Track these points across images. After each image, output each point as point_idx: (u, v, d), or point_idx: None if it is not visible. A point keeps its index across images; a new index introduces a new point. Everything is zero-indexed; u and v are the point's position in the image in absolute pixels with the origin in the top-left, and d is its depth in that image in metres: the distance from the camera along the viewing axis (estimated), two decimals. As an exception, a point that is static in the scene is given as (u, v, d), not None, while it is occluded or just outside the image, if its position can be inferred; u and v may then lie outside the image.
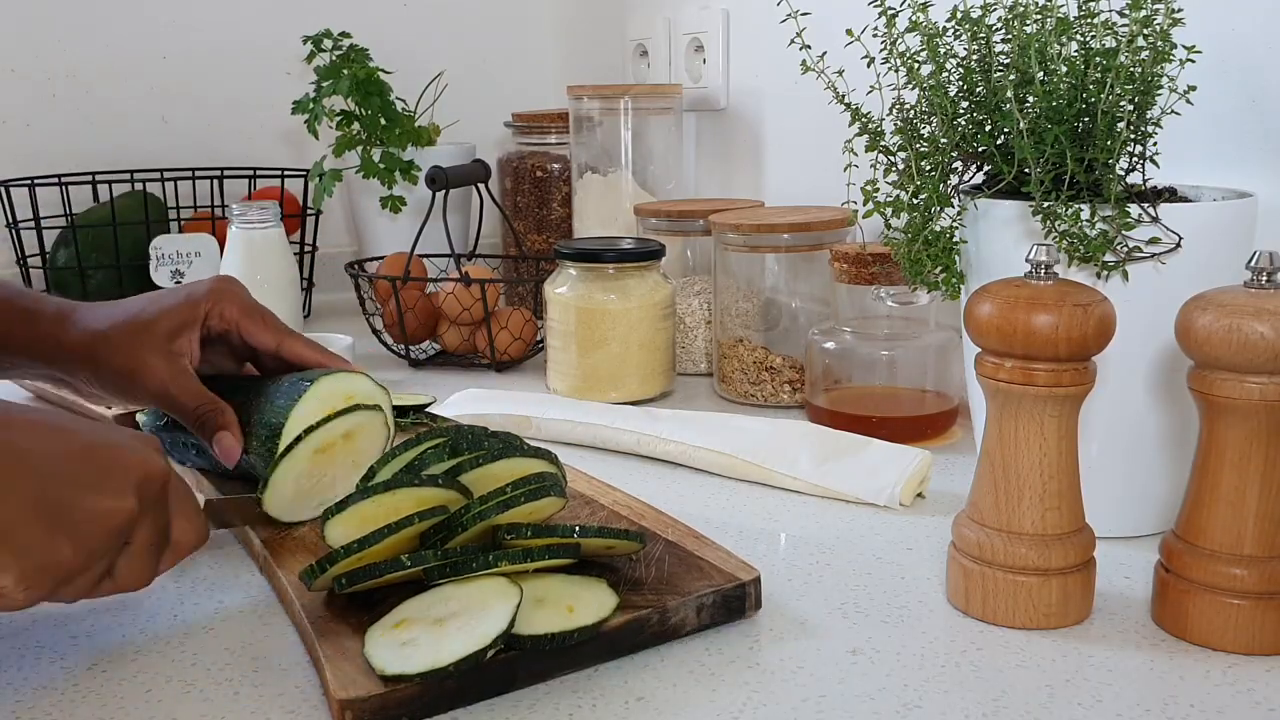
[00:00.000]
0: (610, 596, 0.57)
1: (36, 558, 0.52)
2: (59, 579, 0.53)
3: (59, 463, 0.54)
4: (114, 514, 0.54)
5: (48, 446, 0.54)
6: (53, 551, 0.52)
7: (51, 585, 0.53)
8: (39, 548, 0.52)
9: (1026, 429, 0.59)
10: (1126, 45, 0.64)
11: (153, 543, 0.57)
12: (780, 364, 1.02)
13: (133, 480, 0.55)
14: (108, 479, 0.54)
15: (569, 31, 1.72)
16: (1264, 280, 0.56)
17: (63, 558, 0.52)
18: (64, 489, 0.53)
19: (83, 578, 0.54)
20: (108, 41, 1.49)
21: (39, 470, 0.53)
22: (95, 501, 0.54)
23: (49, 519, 0.52)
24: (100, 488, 0.54)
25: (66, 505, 0.53)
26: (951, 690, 0.54)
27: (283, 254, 1.21)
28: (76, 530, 0.53)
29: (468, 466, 0.64)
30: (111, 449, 0.56)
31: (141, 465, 0.56)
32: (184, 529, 0.59)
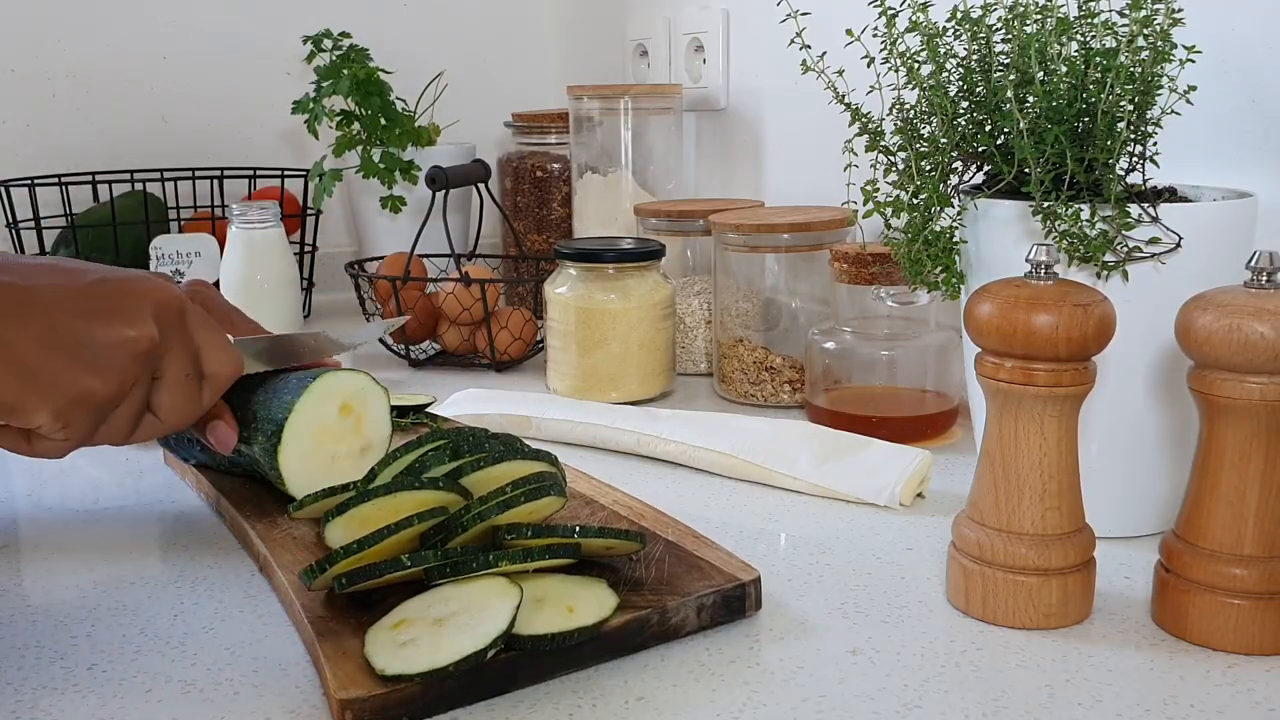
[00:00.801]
0: (610, 596, 0.57)
1: (66, 392, 0.51)
2: (93, 413, 0.53)
3: (68, 297, 0.53)
4: (134, 341, 0.54)
5: (54, 282, 0.54)
6: (80, 382, 0.52)
7: (88, 421, 0.53)
8: (65, 382, 0.51)
9: (1026, 429, 0.59)
10: (1126, 45, 0.64)
11: (186, 373, 0.57)
12: (780, 364, 1.02)
13: (147, 307, 0.55)
14: (121, 307, 0.54)
15: (569, 31, 1.72)
16: (1264, 280, 0.56)
17: (92, 389, 0.52)
18: (77, 321, 0.53)
19: (119, 413, 0.54)
20: (108, 41, 1.49)
21: (49, 306, 0.52)
22: (112, 330, 0.53)
23: (69, 353, 0.52)
24: (115, 316, 0.54)
25: (83, 337, 0.52)
26: (951, 690, 0.54)
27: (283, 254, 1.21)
28: (99, 360, 0.53)
29: (469, 469, 0.64)
30: (121, 280, 0.55)
31: (154, 292, 0.55)
32: (216, 358, 0.58)
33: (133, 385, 0.54)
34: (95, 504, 0.80)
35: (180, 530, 0.75)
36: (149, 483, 0.84)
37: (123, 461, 0.88)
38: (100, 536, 0.74)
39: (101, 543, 0.73)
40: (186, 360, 0.57)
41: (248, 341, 0.67)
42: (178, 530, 0.75)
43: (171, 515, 0.78)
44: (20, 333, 0.51)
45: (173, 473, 0.86)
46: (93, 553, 0.71)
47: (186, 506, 0.79)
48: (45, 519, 0.78)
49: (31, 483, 0.84)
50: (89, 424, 0.53)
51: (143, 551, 0.72)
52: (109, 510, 0.79)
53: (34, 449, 0.54)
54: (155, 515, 0.78)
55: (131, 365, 0.54)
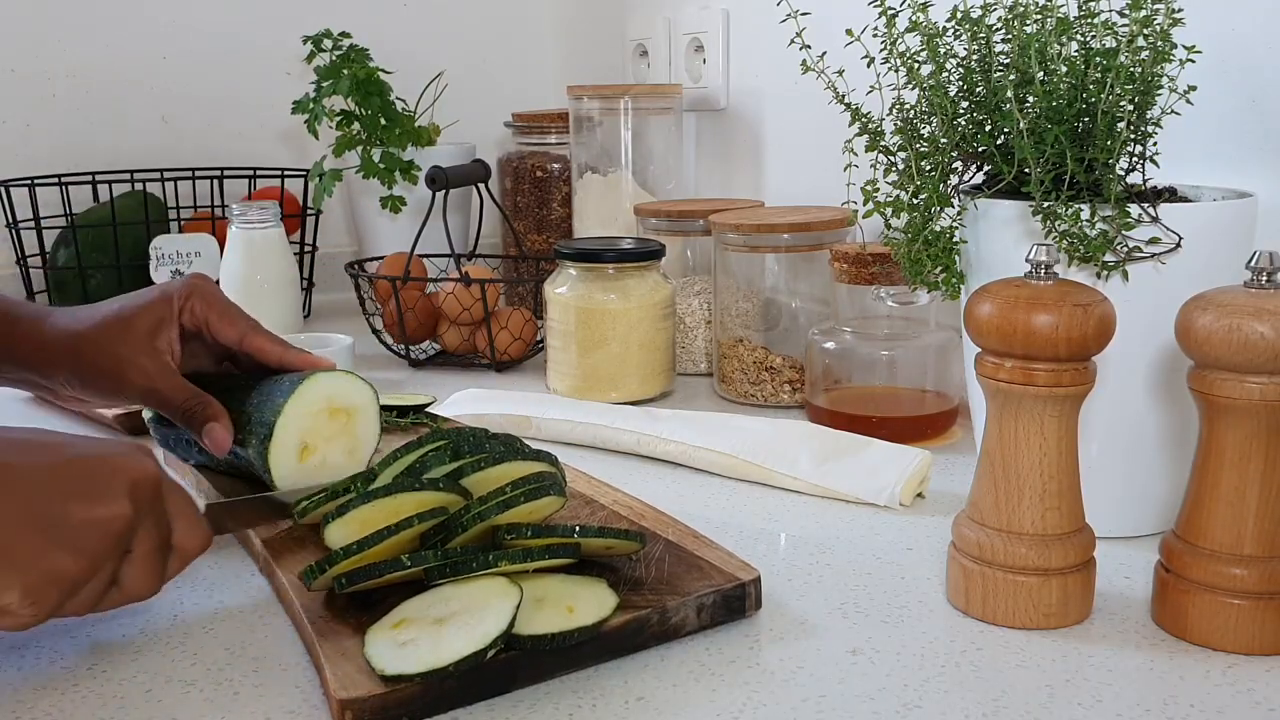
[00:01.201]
0: (610, 596, 0.57)
1: (38, 572, 0.52)
2: (63, 591, 0.53)
3: (46, 476, 0.54)
4: (109, 520, 0.54)
5: (33, 461, 0.54)
6: (53, 563, 0.52)
7: (57, 598, 0.53)
8: (39, 561, 0.52)
9: (1026, 429, 0.59)
10: (1126, 45, 0.64)
11: (155, 548, 0.57)
12: (780, 364, 1.02)
13: (124, 485, 0.55)
14: (98, 486, 0.54)
15: (569, 31, 1.72)
16: (1264, 280, 0.56)
17: (64, 568, 0.52)
18: (54, 502, 0.53)
19: (88, 588, 0.54)
20: (108, 41, 1.49)
21: (27, 486, 0.53)
22: (88, 510, 0.53)
23: (44, 532, 0.52)
24: (92, 496, 0.54)
25: (60, 517, 0.53)
26: (951, 690, 0.54)
27: (283, 254, 1.21)
28: (73, 540, 0.53)
29: (469, 470, 0.64)
30: (99, 458, 0.56)
31: (131, 470, 0.56)
32: (186, 533, 0.59)
33: (104, 563, 0.55)
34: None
35: (180, 530, 0.75)
36: (149, 483, 0.84)
37: (123, 461, 0.88)
38: (100, 536, 0.74)
39: (101, 543, 0.73)
40: (157, 535, 0.57)
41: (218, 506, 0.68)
42: (178, 530, 0.75)
43: (171, 515, 0.78)
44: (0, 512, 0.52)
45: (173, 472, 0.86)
46: (93, 553, 0.71)
47: (186, 506, 0.79)
48: (45, 519, 0.77)
49: (31, 483, 0.84)
50: (57, 601, 0.53)
51: (143, 551, 0.71)
52: (109, 510, 0.79)
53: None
54: (155, 515, 0.78)
55: (105, 544, 0.54)
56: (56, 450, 0.55)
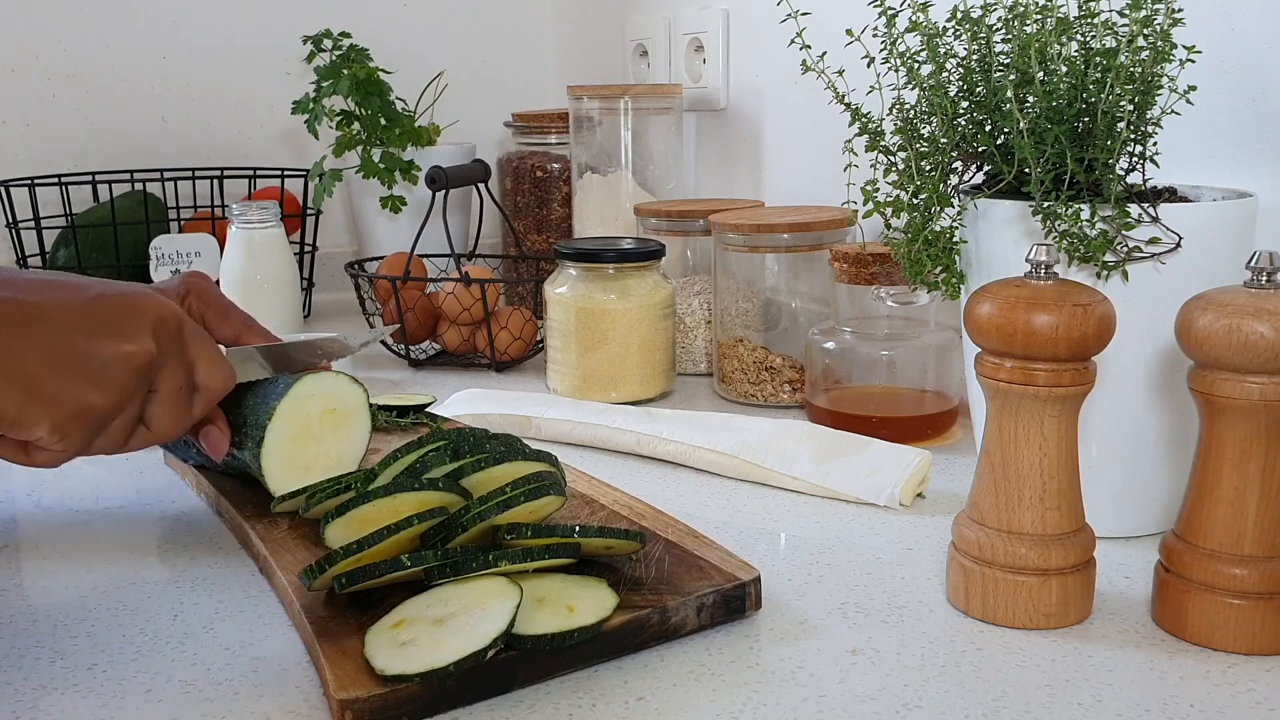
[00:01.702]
0: (610, 596, 0.57)
1: (66, 405, 0.53)
2: (91, 426, 0.54)
3: (71, 313, 0.55)
4: (134, 356, 0.55)
5: (58, 298, 0.55)
6: (80, 397, 0.54)
7: (86, 433, 0.54)
8: (66, 395, 0.53)
9: (1026, 429, 0.59)
10: (1126, 45, 0.64)
11: (180, 386, 0.58)
12: (780, 364, 1.02)
13: (147, 322, 0.56)
14: (122, 323, 0.56)
15: (569, 31, 1.72)
16: (1264, 280, 0.56)
17: (91, 402, 0.54)
18: (80, 337, 0.54)
19: (115, 425, 0.56)
20: (108, 41, 1.49)
21: (53, 322, 0.54)
22: (113, 345, 0.55)
23: (71, 366, 0.54)
24: (116, 332, 0.55)
25: (85, 352, 0.54)
26: (951, 690, 0.54)
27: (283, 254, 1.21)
28: (99, 374, 0.54)
29: (469, 470, 0.64)
30: (122, 295, 0.57)
31: (154, 308, 0.57)
32: (209, 371, 0.60)
33: (130, 398, 0.56)
34: (95, 504, 0.80)
35: (180, 530, 0.75)
36: (149, 483, 0.84)
37: (123, 461, 0.88)
38: (100, 536, 0.74)
39: (101, 543, 0.73)
40: (181, 374, 0.58)
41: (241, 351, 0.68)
42: (178, 530, 0.75)
43: (171, 515, 0.78)
44: (25, 347, 0.53)
45: (173, 473, 0.86)
46: (93, 553, 0.71)
47: (186, 506, 0.79)
48: (45, 519, 0.78)
49: (32, 483, 0.84)
50: (86, 436, 0.55)
51: (143, 551, 0.72)
52: (109, 510, 0.79)
53: (31, 459, 0.56)
54: (155, 515, 0.78)
55: (130, 379, 0.55)
56: (80, 289, 0.57)
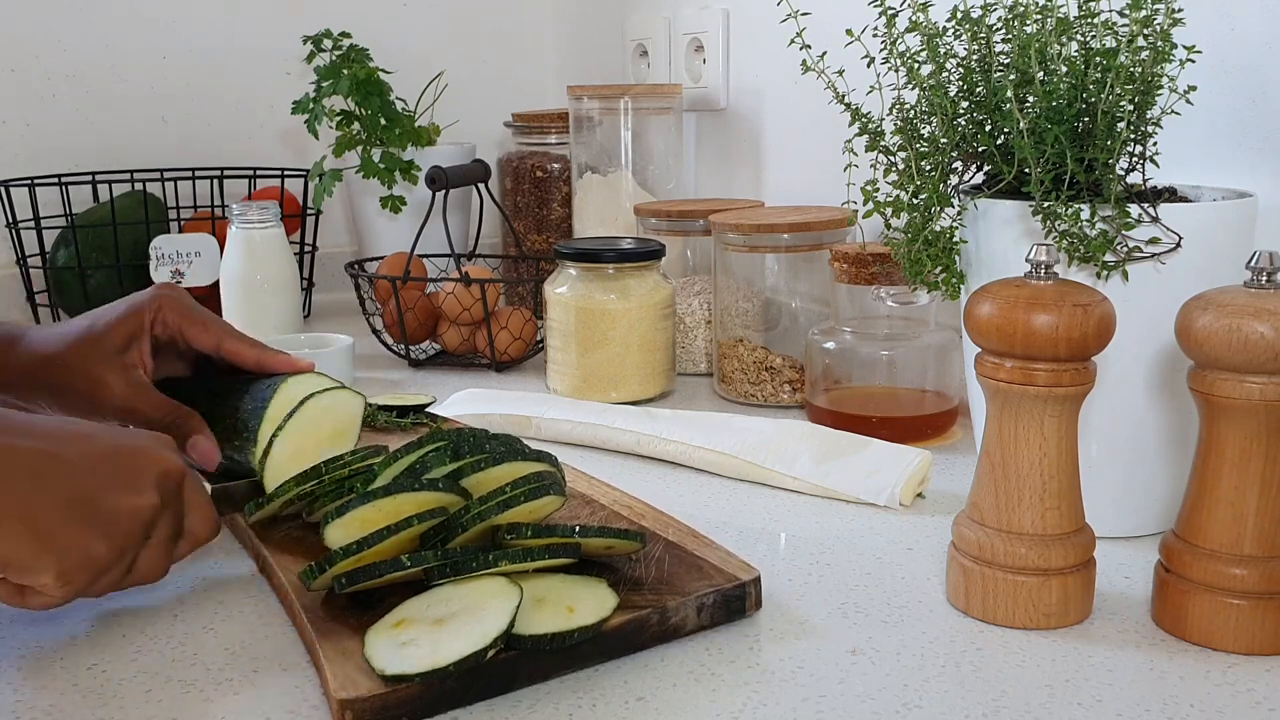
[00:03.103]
0: (610, 596, 0.57)
1: (74, 555, 0.55)
2: (93, 574, 0.56)
3: (87, 464, 0.57)
4: (141, 510, 0.58)
5: (75, 450, 0.57)
6: (88, 548, 0.56)
7: (87, 580, 0.56)
8: (76, 546, 0.55)
9: (1026, 429, 0.59)
10: (1126, 45, 0.64)
11: (170, 535, 0.61)
12: (780, 364, 1.02)
13: (154, 476, 0.59)
14: (133, 477, 0.58)
15: (569, 31, 1.72)
16: (1264, 280, 0.56)
17: (98, 553, 0.56)
18: (94, 489, 0.56)
19: (112, 572, 0.58)
20: (108, 41, 1.49)
21: (70, 472, 0.56)
22: (123, 499, 0.57)
23: (82, 518, 0.56)
24: (127, 486, 0.57)
25: (97, 504, 0.56)
26: (951, 690, 0.54)
27: (283, 254, 1.21)
28: (108, 527, 0.56)
29: (469, 470, 0.64)
30: (133, 450, 0.59)
31: (161, 462, 0.60)
32: (198, 520, 0.62)
33: (131, 548, 0.58)
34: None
35: (180, 530, 0.75)
36: (149, 483, 0.84)
37: (123, 461, 0.88)
38: (100, 536, 0.74)
39: (101, 543, 0.73)
40: (173, 524, 0.61)
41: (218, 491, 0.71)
42: (178, 530, 0.75)
43: (171, 515, 0.78)
44: (42, 496, 0.55)
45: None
46: (93, 553, 0.71)
47: (186, 506, 0.79)
48: (45, 519, 0.77)
49: (31, 483, 0.84)
50: (86, 582, 0.57)
51: (143, 551, 0.72)
52: (109, 510, 0.79)
53: (25, 602, 0.57)
54: (155, 515, 0.78)
55: (134, 531, 0.58)
56: (98, 440, 0.59)
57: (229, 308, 1.20)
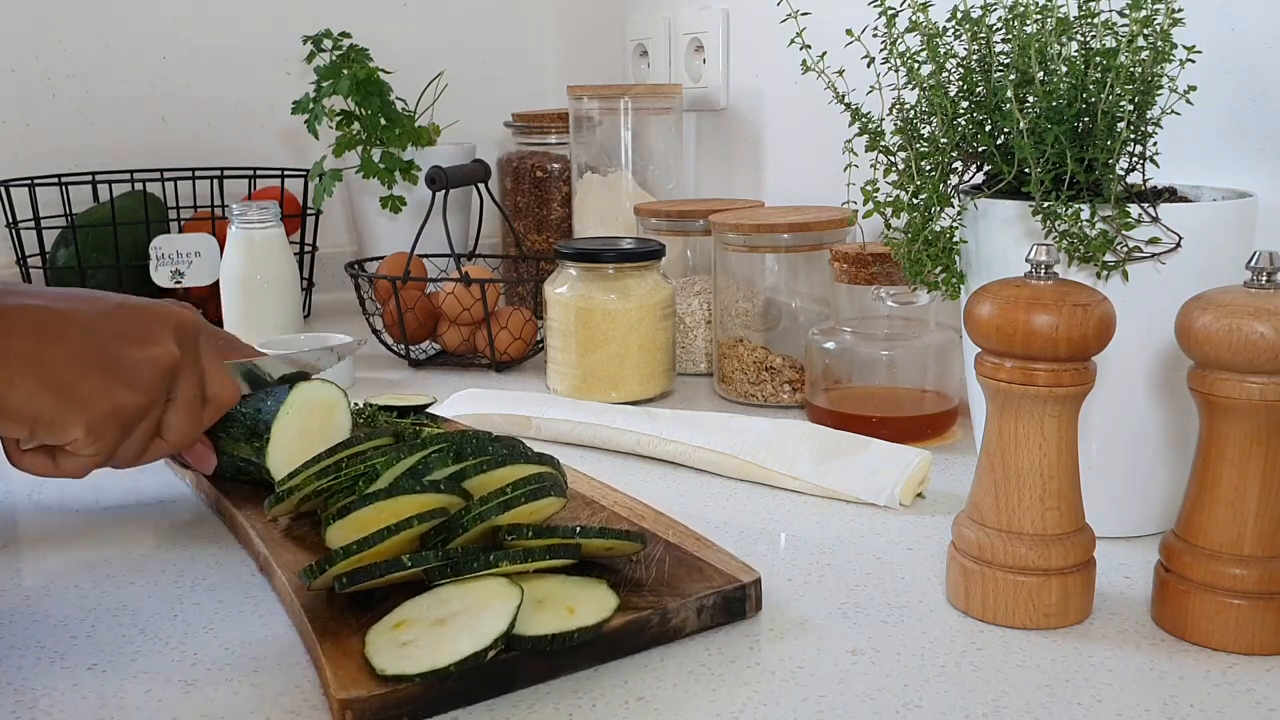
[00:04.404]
0: (610, 597, 0.57)
1: (100, 406, 0.55)
2: (122, 427, 0.57)
3: (99, 319, 0.57)
4: (160, 358, 0.58)
5: (85, 306, 0.58)
6: (113, 398, 0.56)
7: (117, 434, 0.56)
8: (100, 396, 0.55)
9: (1026, 429, 0.59)
10: (1126, 45, 0.64)
11: (194, 396, 0.61)
12: (780, 364, 1.02)
13: (169, 328, 0.60)
14: (148, 328, 0.59)
15: (569, 31, 1.72)
16: (1264, 280, 0.56)
17: (123, 403, 0.56)
18: (109, 342, 0.57)
19: (138, 431, 0.58)
20: (108, 41, 1.49)
21: (83, 327, 0.56)
22: (140, 349, 0.58)
23: (102, 369, 0.56)
24: (142, 336, 0.58)
25: (115, 355, 0.57)
26: (951, 690, 0.54)
27: (283, 254, 1.21)
28: (129, 375, 0.57)
29: (471, 472, 0.64)
30: (144, 304, 0.60)
31: (175, 315, 0.61)
32: (220, 383, 0.63)
33: (156, 399, 0.58)
34: (95, 504, 0.80)
35: (180, 530, 0.75)
36: (149, 483, 0.84)
37: (123, 461, 0.88)
38: (100, 536, 0.74)
39: (101, 542, 0.73)
40: (196, 383, 0.61)
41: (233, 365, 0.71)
42: (178, 530, 0.75)
43: (171, 515, 0.78)
44: (58, 352, 0.55)
45: (172, 473, 0.86)
46: (93, 553, 0.71)
47: (186, 507, 0.79)
48: (45, 519, 0.78)
49: (32, 483, 0.84)
50: (116, 438, 0.57)
51: (142, 551, 0.72)
52: (109, 510, 0.79)
53: (59, 467, 0.57)
54: (155, 515, 0.78)
55: (157, 380, 0.58)
56: (105, 298, 0.60)
57: (229, 308, 1.20)
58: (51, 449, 0.57)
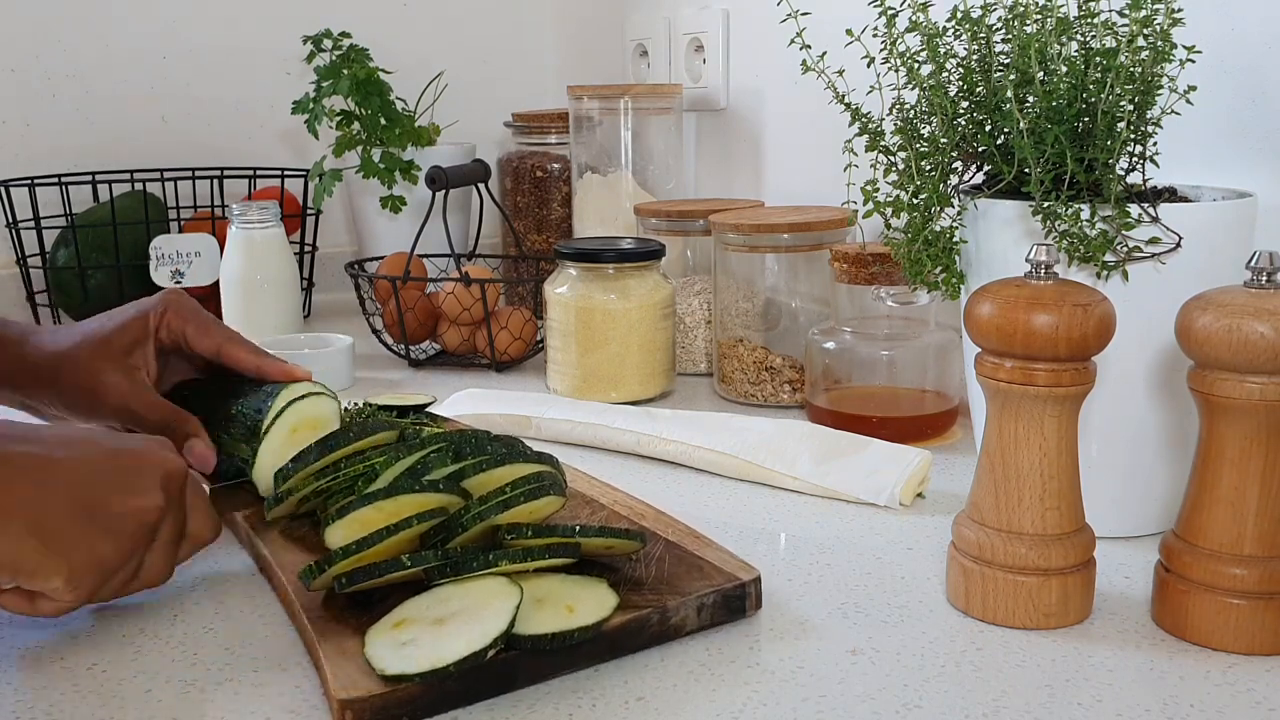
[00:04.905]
0: (610, 596, 0.57)
1: (82, 557, 0.56)
2: (101, 576, 0.57)
3: (89, 468, 0.58)
4: (145, 511, 0.58)
5: (77, 454, 0.58)
6: (95, 550, 0.56)
7: (96, 583, 0.57)
8: (83, 548, 0.56)
9: (1026, 429, 0.59)
10: (1126, 45, 0.64)
11: (174, 538, 0.61)
12: (780, 364, 1.02)
13: (157, 478, 0.60)
14: (136, 479, 0.59)
15: (569, 31, 1.72)
16: (1264, 280, 0.56)
17: (105, 555, 0.57)
18: (98, 492, 0.57)
19: (120, 574, 0.58)
20: (108, 41, 1.49)
21: (73, 477, 0.57)
22: (127, 501, 0.58)
23: (88, 520, 0.56)
24: (130, 488, 0.58)
25: (102, 507, 0.57)
26: (951, 690, 0.54)
27: (283, 254, 1.21)
28: (114, 528, 0.57)
29: (471, 471, 0.64)
30: (135, 452, 0.60)
31: (164, 464, 0.61)
32: (200, 522, 0.63)
33: (137, 550, 0.59)
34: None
35: (180, 530, 0.75)
36: (149, 483, 0.84)
37: (123, 461, 0.88)
38: (100, 536, 0.74)
39: (101, 543, 0.73)
40: (177, 526, 0.62)
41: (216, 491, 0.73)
42: (178, 530, 0.75)
43: (171, 515, 0.78)
44: (47, 501, 0.56)
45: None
46: (93, 553, 0.71)
47: (186, 506, 0.79)
48: (45, 519, 0.77)
49: (31, 483, 0.84)
50: (95, 586, 0.57)
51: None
52: (109, 510, 0.79)
53: (35, 609, 0.58)
54: (155, 515, 0.78)
55: (141, 532, 0.59)
56: (100, 446, 0.60)
57: (229, 308, 1.20)
58: (30, 592, 0.57)
